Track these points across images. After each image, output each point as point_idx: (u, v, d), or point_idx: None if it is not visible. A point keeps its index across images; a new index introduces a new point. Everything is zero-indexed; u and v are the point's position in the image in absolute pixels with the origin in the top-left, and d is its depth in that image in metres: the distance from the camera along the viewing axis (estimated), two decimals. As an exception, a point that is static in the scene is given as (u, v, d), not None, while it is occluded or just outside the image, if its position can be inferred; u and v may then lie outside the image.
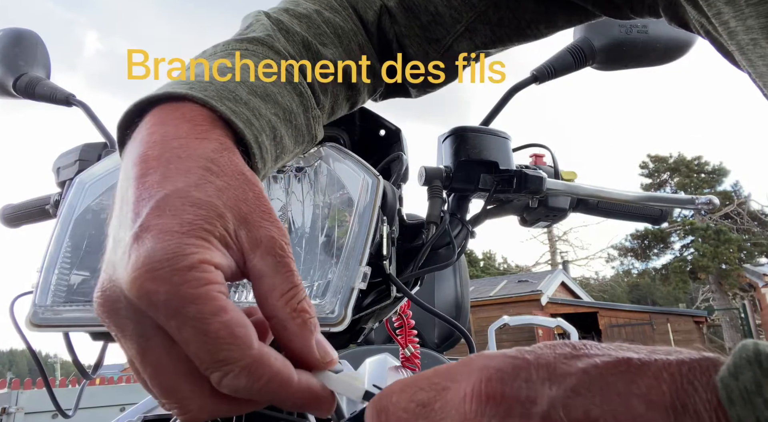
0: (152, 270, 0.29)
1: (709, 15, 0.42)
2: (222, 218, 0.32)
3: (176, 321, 0.29)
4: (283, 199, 0.55)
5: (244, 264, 0.33)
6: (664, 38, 0.78)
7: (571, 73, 0.81)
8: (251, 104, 0.41)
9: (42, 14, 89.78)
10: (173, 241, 0.30)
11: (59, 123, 64.42)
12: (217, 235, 0.32)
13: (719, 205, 0.99)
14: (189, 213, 0.31)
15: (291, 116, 0.45)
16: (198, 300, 0.29)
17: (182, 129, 0.36)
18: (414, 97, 0.68)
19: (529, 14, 0.60)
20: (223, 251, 0.32)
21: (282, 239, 0.34)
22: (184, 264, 0.29)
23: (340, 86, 0.55)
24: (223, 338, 0.29)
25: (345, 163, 0.54)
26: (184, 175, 0.33)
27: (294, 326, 0.33)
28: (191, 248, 0.30)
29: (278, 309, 0.33)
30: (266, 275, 0.33)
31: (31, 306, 0.49)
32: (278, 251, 0.33)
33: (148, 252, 0.29)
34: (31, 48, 0.83)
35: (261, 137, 0.40)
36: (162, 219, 0.30)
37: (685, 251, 23.00)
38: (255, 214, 0.34)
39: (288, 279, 0.33)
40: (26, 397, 5.12)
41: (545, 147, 0.84)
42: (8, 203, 0.92)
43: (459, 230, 0.71)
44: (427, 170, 0.69)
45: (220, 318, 0.29)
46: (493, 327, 2.55)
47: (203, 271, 0.30)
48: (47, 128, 76.20)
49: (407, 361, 0.95)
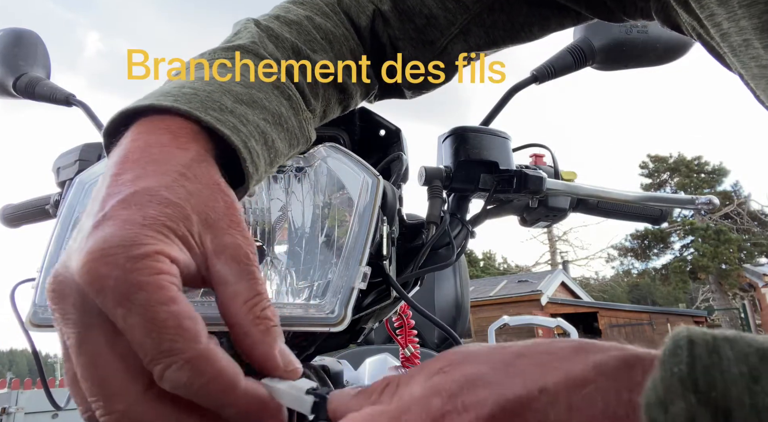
0: (105, 255, 0.29)
1: (702, 17, 0.42)
2: (187, 220, 0.32)
3: (123, 308, 0.28)
4: (283, 199, 0.55)
5: (207, 270, 0.33)
6: (664, 38, 0.78)
7: (571, 73, 0.81)
8: (237, 111, 0.40)
9: (43, 15, 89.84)
10: (132, 230, 0.30)
11: (59, 123, 64.44)
12: (179, 234, 0.32)
13: (719, 205, 0.99)
14: (154, 209, 0.31)
15: (281, 119, 0.45)
16: (148, 287, 0.29)
17: (164, 138, 0.36)
18: (408, 98, 0.68)
19: (522, 17, 0.60)
20: (183, 250, 0.32)
21: (248, 247, 0.34)
22: (139, 252, 0.29)
23: (331, 90, 0.55)
24: (169, 328, 0.28)
25: (345, 163, 0.54)
26: (157, 175, 0.33)
27: (256, 333, 0.32)
28: (149, 239, 0.30)
29: (240, 316, 0.32)
30: (230, 282, 0.33)
31: (31, 306, 0.49)
32: (243, 258, 0.33)
33: (105, 237, 0.29)
34: (31, 48, 0.83)
35: (250, 142, 0.40)
36: (126, 211, 0.30)
37: (685, 251, 23.00)
38: (223, 222, 0.34)
39: (252, 287, 0.33)
40: (26, 397, 5.12)
41: (545, 147, 0.84)
42: (8, 203, 0.92)
43: (459, 230, 0.71)
44: (427, 170, 0.69)
45: (168, 307, 0.29)
46: (493, 327, 2.56)
47: (157, 261, 0.29)
48: (47, 128, 76.25)
49: (407, 361, 0.95)
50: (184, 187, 0.33)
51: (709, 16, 0.41)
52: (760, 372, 0.19)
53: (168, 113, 0.38)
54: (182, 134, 0.37)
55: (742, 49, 0.40)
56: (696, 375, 0.19)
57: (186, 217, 0.32)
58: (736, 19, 0.39)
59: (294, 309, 0.49)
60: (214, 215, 0.34)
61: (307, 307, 0.49)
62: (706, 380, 0.19)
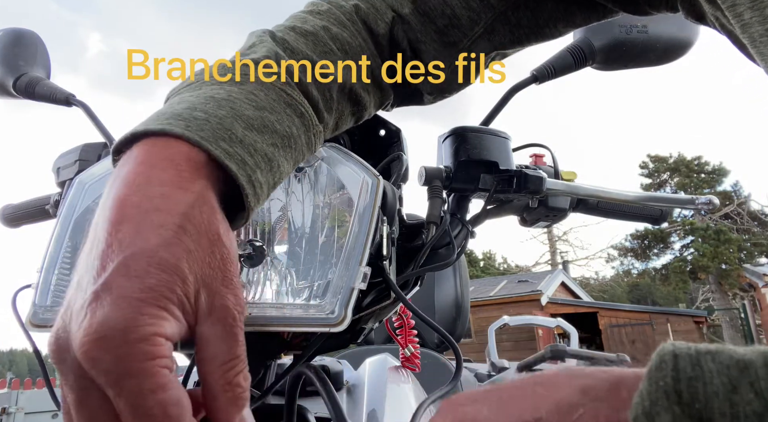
0: (102, 338, 0.30)
1: (723, 8, 0.42)
2: (184, 283, 0.33)
3: (113, 390, 0.30)
4: (283, 199, 0.55)
5: (194, 327, 0.34)
6: (664, 38, 0.78)
7: (571, 73, 0.81)
8: (247, 140, 0.40)
9: (45, 16, 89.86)
10: (130, 310, 0.30)
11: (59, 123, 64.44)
12: (175, 302, 0.32)
13: (719, 205, 0.99)
14: (153, 276, 0.32)
15: (290, 141, 0.45)
16: (139, 374, 0.30)
17: (167, 175, 0.36)
18: (427, 104, 0.67)
19: (547, 13, 0.59)
20: (179, 317, 0.33)
21: (236, 308, 0.35)
22: (135, 337, 0.30)
23: (345, 102, 0.54)
24: (155, 416, 0.30)
25: (345, 163, 0.54)
26: (156, 231, 0.33)
27: (223, 399, 0.34)
28: (146, 319, 0.31)
29: (213, 378, 0.34)
30: (211, 342, 0.34)
31: (31, 306, 0.49)
32: (229, 320, 0.34)
33: (103, 318, 0.30)
34: (31, 48, 0.83)
35: (255, 175, 0.40)
36: (124, 281, 0.31)
37: (685, 251, 23.00)
38: (217, 281, 0.35)
39: (231, 350, 0.34)
40: (26, 397, 5.13)
41: (545, 147, 0.84)
42: (8, 203, 0.92)
43: (459, 230, 0.71)
44: (427, 170, 0.69)
45: (156, 395, 0.30)
46: (493, 327, 2.56)
47: (152, 344, 0.30)
48: (47, 128, 76.25)
49: (407, 361, 0.95)
50: (183, 244, 0.33)
51: (731, 6, 0.41)
52: (739, 383, 0.19)
53: (175, 137, 0.38)
54: (186, 168, 0.36)
55: (763, 39, 0.39)
56: (680, 387, 0.20)
57: (183, 280, 0.33)
58: (761, 8, 0.38)
59: (294, 309, 0.49)
60: (211, 273, 0.34)
61: (307, 307, 0.49)
62: (689, 392, 0.20)
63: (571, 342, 2.45)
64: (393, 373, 0.89)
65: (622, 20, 0.75)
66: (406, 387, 0.87)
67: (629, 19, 0.76)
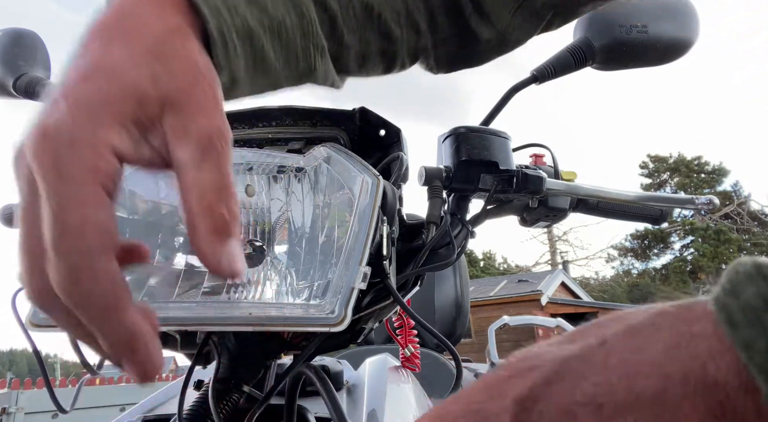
0: (47, 135, 0.28)
1: None
2: (145, 102, 0.31)
3: (46, 195, 0.28)
4: (283, 199, 0.55)
5: (167, 153, 0.32)
6: (664, 38, 0.78)
7: (571, 73, 0.81)
8: (230, 1, 0.37)
9: (45, 16, 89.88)
10: (81, 115, 0.29)
11: (59, 123, 64.29)
12: (132, 119, 0.30)
13: (719, 205, 0.99)
14: (113, 90, 0.30)
15: (281, 29, 0.41)
16: (72, 181, 0.28)
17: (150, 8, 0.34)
18: (476, 65, 0.62)
19: None
20: (135, 136, 0.31)
21: (214, 132, 0.32)
22: (80, 141, 0.28)
23: (372, 31, 0.49)
24: (70, 230, 0.28)
25: (345, 163, 0.54)
26: (125, 49, 0.31)
27: (202, 228, 0.30)
28: (96, 126, 0.29)
29: (190, 206, 0.31)
30: (189, 169, 0.31)
31: (31, 306, 0.49)
32: (205, 143, 0.31)
33: (54, 121, 0.29)
34: (31, 48, 0.83)
35: (231, 34, 0.37)
36: (82, 90, 0.30)
37: (685, 251, 23.02)
38: (192, 106, 0.32)
39: (212, 177, 0.31)
40: (26, 397, 5.13)
41: (545, 147, 0.84)
42: (8, 203, 0.92)
43: (459, 230, 0.71)
44: (427, 170, 0.69)
45: (80, 210, 0.28)
46: (493, 327, 2.56)
47: (97, 154, 0.29)
48: (47, 128, 76.09)
49: (407, 361, 0.95)
50: (149, 65, 0.31)
51: None
52: None
53: None
54: (169, 3, 0.35)
55: None
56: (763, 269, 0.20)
57: (143, 99, 0.31)
58: None
59: (294, 309, 0.49)
60: (184, 98, 0.32)
61: (307, 307, 0.49)
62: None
63: (571, 342, 2.44)
64: (393, 373, 0.89)
65: (622, 20, 0.75)
66: (406, 387, 0.87)
67: (629, 19, 0.76)
